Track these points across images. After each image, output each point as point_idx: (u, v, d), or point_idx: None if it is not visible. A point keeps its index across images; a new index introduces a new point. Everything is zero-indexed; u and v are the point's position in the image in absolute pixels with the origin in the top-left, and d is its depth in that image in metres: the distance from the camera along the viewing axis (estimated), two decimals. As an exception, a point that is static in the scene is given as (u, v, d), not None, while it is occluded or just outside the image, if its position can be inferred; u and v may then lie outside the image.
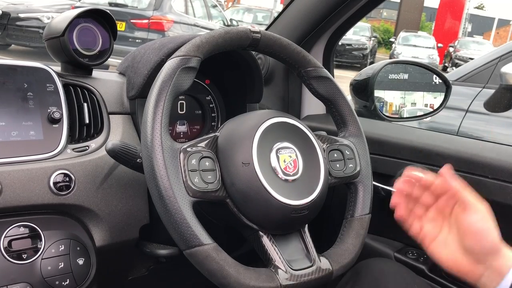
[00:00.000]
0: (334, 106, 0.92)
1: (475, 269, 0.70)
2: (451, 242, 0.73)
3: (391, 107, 1.27)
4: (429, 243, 0.76)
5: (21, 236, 0.80)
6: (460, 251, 0.72)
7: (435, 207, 0.76)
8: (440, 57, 16.82)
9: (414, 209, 0.79)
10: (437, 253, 0.75)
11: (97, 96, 0.97)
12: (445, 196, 0.75)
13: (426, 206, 0.78)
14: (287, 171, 0.77)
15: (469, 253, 0.70)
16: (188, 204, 0.70)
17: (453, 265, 0.72)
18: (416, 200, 0.78)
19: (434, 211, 0.77)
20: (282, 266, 0.75)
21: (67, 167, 0.86)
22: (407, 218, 0.79)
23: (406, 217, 0.79)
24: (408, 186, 0.79)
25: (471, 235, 0.70)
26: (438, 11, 23.62)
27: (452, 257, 0.73)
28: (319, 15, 1.21)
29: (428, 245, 0.76)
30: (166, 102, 0.73)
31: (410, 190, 0.78)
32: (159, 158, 0.69)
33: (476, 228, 0.69)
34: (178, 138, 1.10)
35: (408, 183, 0.79)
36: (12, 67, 0.87)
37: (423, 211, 0.78)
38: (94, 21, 1.00)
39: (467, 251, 0.71)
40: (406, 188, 0.79)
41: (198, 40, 0.78)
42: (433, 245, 0.75)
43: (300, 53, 0.88)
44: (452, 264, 0.73)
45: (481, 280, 0.70)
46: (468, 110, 2.16)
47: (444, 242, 0.74)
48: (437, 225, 0.76)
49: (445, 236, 0.74)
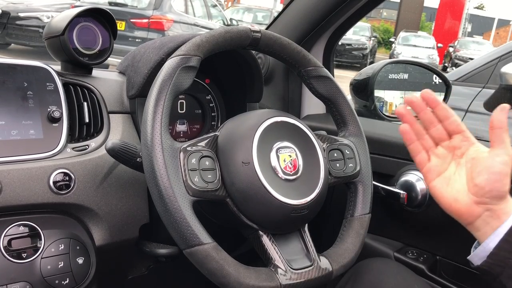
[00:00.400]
0: (334, 106, 0.92)
1: (473, 210, 0.70)
2: (457, 180, 0.72)
3: (391, 106, 1.27)
4: (432, 178, 0.75)
5: (21, 235, 0.80)
6: (464, 190, 0.71)
7: (447, 145, 0.75)
8: (440, 57, 16.82)
9: (424, 138, 0.76)
10: (438, 190, 0.74)
11: (97, 95, 0.97)
12: (461, 136, 0.74)
13: (436, 140, 0.76)
14: (287, 170, 0.77)
15: (474, 192, 0.70)
16: (188, 204, 0.70)
17: (452, 204, 0.72)
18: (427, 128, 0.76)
19: (446, 148, 0.75)
20: (282, 265, 0.75)
21: (67, 166, 0.86)
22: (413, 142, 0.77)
23: (412, 140, 0.77)
24: (420, 103, 0.76)
25: (488, 174, 0.69)
26: (438, 11, 23.63)
27: (453, 195, 0.72)
28: (319, 14, 1.21)
29: (430, 180, 0.75)
30: (166, 101, 0.73)
31: (421, 107, 0.75)
32: (159, 157, 0.69)
33: (497, 168, 0.68)
34: (178, 138, 1.10)
35: (424, 100, 0.75)
36: (12, 66, 0.87)
37: (432, 144, 0.76)
38: (94, 20, 1.00)
39: (473, 188, 0.70)
40: (417, 103, 0.75)
41: (198, 39, 0.78)
42: (436, 181, 0.74)
43: (300, 53, 0.88)
44: (451, 202, 0.72)
45: (476, 222, 0.71)
46: (468, 110, 2.16)
47: (448, 179, 0.73)
48: (445, 162, 0.75)
49: (451, 173, 0.73)
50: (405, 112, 0.77)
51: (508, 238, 0.68)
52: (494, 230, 0.69)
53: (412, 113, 0.77)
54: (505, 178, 0.69)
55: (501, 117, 0.69)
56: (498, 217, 0.69)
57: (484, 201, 0.70)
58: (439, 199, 0.74)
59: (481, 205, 0.70)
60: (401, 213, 1.10)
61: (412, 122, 0.77)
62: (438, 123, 0.75)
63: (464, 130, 0.74)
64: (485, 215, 0.70)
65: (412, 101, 0.76)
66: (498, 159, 0.69)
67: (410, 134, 0.77)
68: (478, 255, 0.71)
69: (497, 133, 0.69)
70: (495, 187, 0.69)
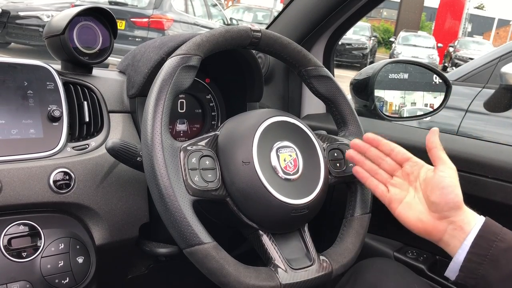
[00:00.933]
0: (335, 105, 0.92)
1: (438, 226, 0.75)
2: (417, 203, 0.78)
3: (391, 106, 1.27)
4: (396, 207, 0.80)
5: (21, 234, 0.80)
6: (425, 211, 0.76)
7: (401, 174, 0.81)
8: (440, 57, 16.82)
9: (377, 173, 0.82)
10: (403, 215, 0.79)
11: (97, 94, 0.97)
12: (409, 163, 0.80)
13: (390, 171, 0.82)
14: (287, 170, 0.77)
15: (433, 209, 0.75)
16: (188, 203, 0.70)
17: (419, 225, 0.77)
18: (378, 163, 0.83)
19: (400, 176, 0.81)
20: (282, 265, 0.75)
21: (67, 165, 0.85)
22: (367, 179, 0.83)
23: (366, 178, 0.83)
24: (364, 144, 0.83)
25: (439, 189, 0.74)
26: (438, 11, 23.62)
27: (417, 217, 0.77)
28: (320, 14, 1.21)
29: (394, 209, 0.80)
30: (166, 100, 0.73)
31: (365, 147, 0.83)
32: (159, 156, 0.69)
33: (445, 183, 0.74)
34: (178, 137, 1.10)
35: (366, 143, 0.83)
36: (12, 65, 0.87)
37: (387, 177, 0.82)
38: (94, 19, 1.00)
39: (432, 206, 0.75)
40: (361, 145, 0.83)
41: (198, 38, 0.78)
42: (399, 208, 0.79)
43: (301, 52, 0.88)
44: (417, 223, 0.77)
45: (444, 237, 0.75)
46: (468, 110, 2.16)
47: (410, 203, 0.78)
48: (403, 189, 0.80)
49: (410, 198, 0.79)
50: (354, 155, 0.84)
51: (474, 250, 0.71)
52: (461, 243, 0.72)
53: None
54: (455, 189, 0.74)
55: (434, 138, 0.77)
56: (462, 228, 0.73)
57: (444, 215, 0.74)
58: (406, 223, 0.79)
59: (443, 219, 0.74)
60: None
61: (362, 163, 0.84)
62: (386, 157, 0.82)
63: (410, 157, 0.81)
64: (450, 228, 0.74)
65: (357, 144, 0.84)
66: (442, 174, 0.75)
67: (362, 173, 0.84)
68: (452, 270, 0.74)
69: (434, 152, 0.77)
70: (449, 199, 0.74)
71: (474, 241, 0.71)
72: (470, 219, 0.74)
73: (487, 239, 0.71)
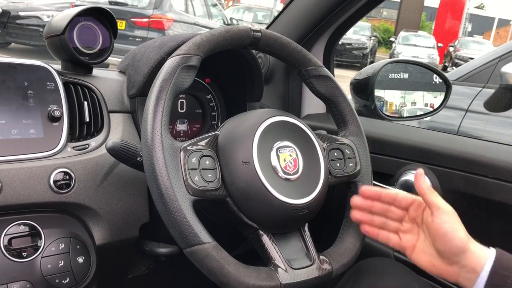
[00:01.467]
0: (335, 105, 0.92)
1: (450, 270, 0.73)
2: (427, 247, 0.76)
3: (391, 106, 1.27)
4: (411, 254, 0.78)
5: (21, 234, 0.80)
6: (435, 254, 0.74)
7: (408, 218, 0.79)
8: (440, 56, 16.81)
9: (387, 224, 0.81)
10: (418, 260, 0.77)
11: (97, 94, 0.97)
12: (413, 206, 0.78)
13: (398, 219, 0.80)
14: (287, 170, 0.77)
15: (441, 255, 0.73)
16: (188, 203, 0.70)
17: (434, 269, 0.75)
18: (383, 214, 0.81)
19: (407, 222, 0.79)
20: (282, 265, 0.75)
21: (67, 165, 0.86)
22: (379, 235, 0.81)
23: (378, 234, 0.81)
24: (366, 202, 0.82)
25: (440, 237, 0.72)
26: (438, 10, 23.61)
27: (430, 262, 0.75)
28: (320, 14, 1.21)
29: (410, 256, 0.78)
30: (166, 100, 0.73)
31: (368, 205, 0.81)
32: (160, 156, 0.69)
33: (445, 230, 0.72)
34: (178, 137, 1.10)
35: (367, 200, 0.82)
36: (12, 65, 0.87)
37: (397, 224, 0.80)
38: (94, 19, 1.00)
39: (439, 253, 0.73)
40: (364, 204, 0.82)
41: (198, 38, 0.78)
42: (414, 255, 0.78)
43: (301, 52, 0.88)
44: (432, 268, 0.75)
45: (459, 279, 0.72)
46: (468, 109, 2.16)
47: (422, 248, 0.77)
48: (414, 234, 0.78)
49: (422, 243, 0.77)
50: (360, 217, 0.83)
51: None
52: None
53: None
54: (456, 234, 0.71)
55: (422, 184, 0.74)
56: (474, 270, 0.70)
57: (453, 261, 0.72)
58: (422, 268, 0.77)
59: (453, 265, 0.72)
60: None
61: (371, 221, 0.82)
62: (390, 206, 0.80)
63: (413, 200, 0.78)
64: (463, 272, 0.71)
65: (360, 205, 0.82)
66: (439, 221, 0.72)
67: (372, 231, 0.82)
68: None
69: (426, 199, 0.74)
70: (453, 246, 0.71)
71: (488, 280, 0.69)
72: (480, 258, 0.71)
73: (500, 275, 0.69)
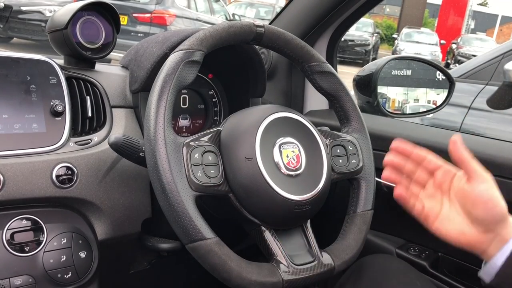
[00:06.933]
0: (338, 102, 0.92)
1: (484, 239, 0.70)
2: (455, 215, 0.72)
3: (394, 103, 1.26)
4: (433, 221, 0.75)
5: (24, 228, 0.81)
6: (466, 223, 0.71)
7: (433, 183, 0.76)
8: (443, 53, 16.79)
9: (410, 187, 0.77)
10: (443, 230, 0.73)
11: (100, 89, 0.96)
12: (440, 171, 0.75)
13: (422, 183, 0.77)
14: (290, 166, 0.77)
15: (478, 223, 0.70)
16: (191, 198, 0.70)
17: (461, 238, 0.71)
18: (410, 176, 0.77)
19: (432, 187, 0.76)
20: (284, 261, 0.75)
21: (70, 160, 0.86)
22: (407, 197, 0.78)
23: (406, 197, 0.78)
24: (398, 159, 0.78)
25: (482, 204, 0.69)
26: (441, 7, 23.55)
27: (459, 231, 0.72)
28: (323, 10, 1.21)
29: (432, 223, 0.75)
30: (169, 96, 0.73)
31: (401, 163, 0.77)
32: (162, 152, 0.69)
33: (487, 197, 0.68)
34: (180, 133, 1.10)
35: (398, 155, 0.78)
36: (15, 59, 0.87)
37: (420, 188, 0.77)
38: (97, 14, 1.00)
39: (475, 221, 0.70)
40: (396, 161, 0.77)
41: (201, 33, 0.78)
42: (437, 223, 0.74)
43: (304, 48, 0.88)
44: (459, 237, 0.72)
45: (489, 249, 0.70)
46: (471, 107, 2.16)
47: (447, 217, 0.73)
48: (437, 201, 0.75)
49: (447, 211, 0.73)
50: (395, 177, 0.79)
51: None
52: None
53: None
54: (498, 201, 0.69)
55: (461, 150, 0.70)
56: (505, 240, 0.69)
57: (490, 228, 0.69)
58: (447, 238, 0.73)
59: (488, 232, 0.69)
60: (403, 209, 1.09)
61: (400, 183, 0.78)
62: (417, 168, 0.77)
63: (442, 165, 0.75)
64: (496, 240, 0.69)
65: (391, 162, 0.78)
66: (481, 187, 0.69)
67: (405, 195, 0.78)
68: (487, 273, 0.70)
69: (466, 166, 0.70)
70: (495, 213, 0.69)
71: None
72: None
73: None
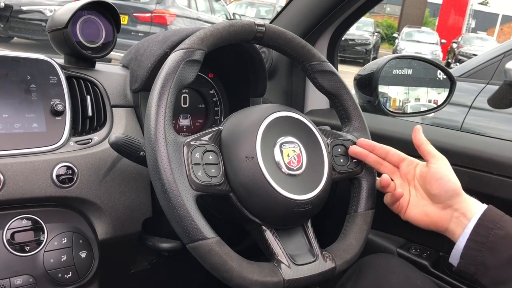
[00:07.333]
0: (339, 101, 0.92)
1: (443, 215, 0.78)
2: (420, 200, 0.82)
3: (394, 102, 1.26)
4: (404, 210, 0.83)
5: (24, 228, 0.80)
6: (428, 203, 0.80)
7: (399, 175, 0.85)
8: (443, 53, 16.79)
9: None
10: (412, 216, 0.82)
11: (100, 88, 0.96)
12: (405, 162, 0.85)
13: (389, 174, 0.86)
14: (291, 165, 0.77)
15: (436, 201, 0.79)
16: (192, 198, 0.69)
17: (425, 219, 0.80)
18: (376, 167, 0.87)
19: (399, 179, 0.85)
20: (285, 260, 0.75)
21: (70, 159, 0.85)
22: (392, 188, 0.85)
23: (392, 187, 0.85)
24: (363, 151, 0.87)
25: (436, 181, 0.78)
26: (442, 6, 23.54)
27: (423, 211, 0.81)
28: (323, 9, 1.20)
29: (404, 213, 0.84)
30: (169, 95, 0.72)
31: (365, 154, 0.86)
32: (163, 151, 0.69)
33: (440, 174, 0.78)
34: (181, 132, 1.10)
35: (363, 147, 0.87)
36: (15, 59, 0.86)
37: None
38: (97, 13, 1.00)
39: (433, 198, 0.79)
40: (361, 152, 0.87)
41: (202, 33, 0.77)
42: (408, 210, 0.83)
43: (305, 47, 0.88)
44: (423, 218, 0.81)
45: (450, 225, 0.78)
46: (472, 106, 2.15)
47: (415, 203, 0.82)
48: (405, 191, 0.84)
49: (414, 198, 0.83)
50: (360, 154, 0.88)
51: (473, 237, 0.74)
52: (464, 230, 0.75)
53: None
54: (451, 177, 0.78)
55: (419, 135, 0.82)
56: (465, 215, 0.76)
57: (447, 204, 0.78)
58: (416, 222, 0.82)
59: (447, 208, 0.78)
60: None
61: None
62: (384, 161, 0.86)
63: (405, 158, 0.85)
64: (455, 215, 0.77)
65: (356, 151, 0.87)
66: (435, 166, 0.79)
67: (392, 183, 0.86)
68: (454, 257, 0.76)
69: (423, 148, 0.82)
70: (448, 188, 0.78)
71: (474, 229, 0.74)
72: (472, 206, 0.77)
73: (485, 226, 0.73)
